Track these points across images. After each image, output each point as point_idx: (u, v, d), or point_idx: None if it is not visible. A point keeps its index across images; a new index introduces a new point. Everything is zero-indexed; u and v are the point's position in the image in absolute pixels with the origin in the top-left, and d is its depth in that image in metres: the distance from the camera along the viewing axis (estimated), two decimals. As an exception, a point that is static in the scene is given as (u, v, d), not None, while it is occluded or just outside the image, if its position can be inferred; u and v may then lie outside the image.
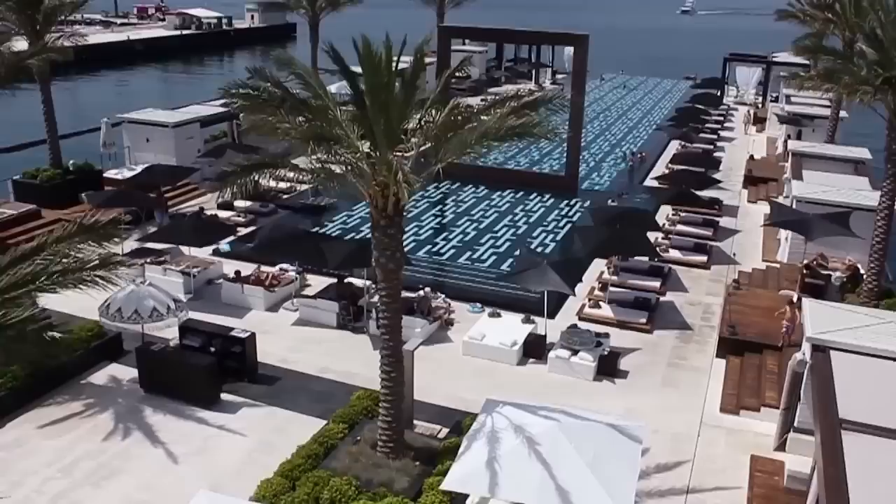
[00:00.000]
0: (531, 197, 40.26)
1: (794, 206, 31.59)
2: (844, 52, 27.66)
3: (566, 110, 19.10)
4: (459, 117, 16.10)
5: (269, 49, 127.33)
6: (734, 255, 33.95)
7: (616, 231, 27.53)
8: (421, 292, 27.64)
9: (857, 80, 22.94)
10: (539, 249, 33.41)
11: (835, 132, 47.89)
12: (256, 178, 14.84)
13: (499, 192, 40.70)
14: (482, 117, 16.54)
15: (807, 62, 60.15)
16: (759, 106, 67.92)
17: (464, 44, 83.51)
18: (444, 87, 17.07)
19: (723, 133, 58.98)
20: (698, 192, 36.10)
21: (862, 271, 28.11)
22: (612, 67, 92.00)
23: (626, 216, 30.53)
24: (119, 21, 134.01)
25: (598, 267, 30.73)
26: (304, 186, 34.54)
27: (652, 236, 31.81)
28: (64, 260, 14.87)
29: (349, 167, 15.73)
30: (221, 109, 44.67)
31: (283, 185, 34.97)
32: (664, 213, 37.31)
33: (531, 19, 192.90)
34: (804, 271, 28.77)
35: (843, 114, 48.24)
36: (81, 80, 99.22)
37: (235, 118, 44.96)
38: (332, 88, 55.16)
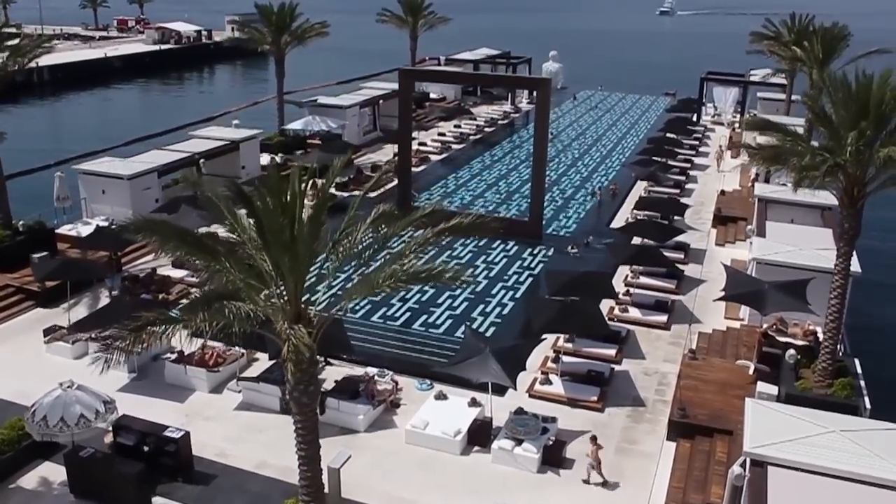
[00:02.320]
0: (494, 245, 39.58)
1: (753, 268, 31.06)
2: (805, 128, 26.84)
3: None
4: (372, 249, 15.46)
5: (249, 62, 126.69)
6: (696, 310, 33.33)
7: (568, 306, 26.89)
8: (369, 369, 27.15)
9: (805, 166, 22.23)
10: (497, 311, 32.89)
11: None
12: (148, 339, 14.18)
13: (462, 241, 39.97)
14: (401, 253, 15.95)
15: (783, 82, 60.03)
16: (736, 128, 67.32)
17: (439, 65, 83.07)
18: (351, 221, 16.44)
19: (696, 160, 58.32)
20: (661, 246, 35.55)
21: (821, 335, 27.55)
22: (590, 82, 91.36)
23: (582, 281, 29.86)
24: (98, 35, 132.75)
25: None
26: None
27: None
28: None
29: (259, 305, 15.08)
30: (182, 155, 43.97)
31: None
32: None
33: (510, 23, 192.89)
34: (762, 339, 28.26)
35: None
36: (59, 99, 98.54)
37: (197, 164, 44.34)
38: (298, 125, 55.06)
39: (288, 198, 14.54)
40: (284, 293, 15.34)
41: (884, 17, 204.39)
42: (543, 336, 27.60)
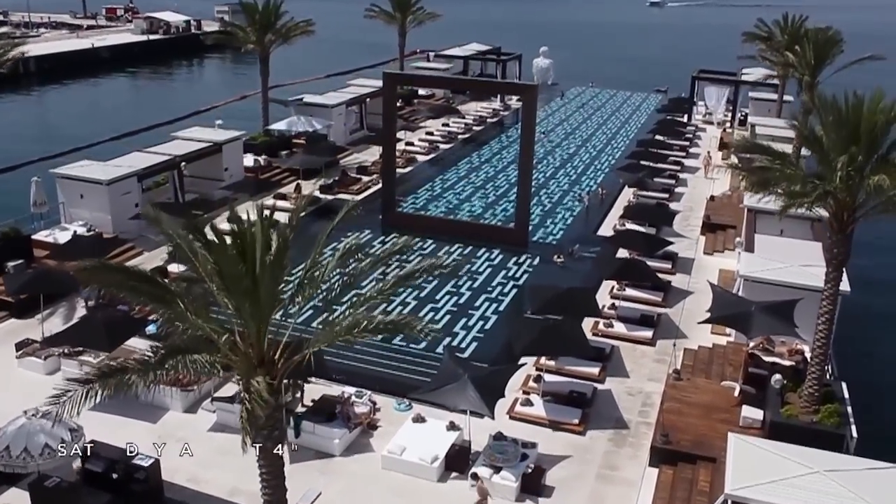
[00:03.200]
0: (479, 254, 39.01)
1: (740, 285, 30.56)
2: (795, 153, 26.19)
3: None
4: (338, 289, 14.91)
5: (238, 54, 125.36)
6: (682, 324, 32.78)
7: (549, 327, 26.36)
8: (347, 389, 26.59)
9: (794, 194, 21.60)
10: (479, 324, 32.36)
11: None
12: (102, 391, 13.60)
13: (447, 248, 39.37)
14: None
15: (776, 82, 59.41)
16: (727, 129, 66.77)
17: (428, 60, 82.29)
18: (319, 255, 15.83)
19: (687, 162, 57.70)
20: (648, 256, 35.05)
21: (808, 355, 27.07)
22: (581, 78, 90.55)
23: (566, 298, 29.33)
24: (86, 24, 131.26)
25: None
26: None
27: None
28: None
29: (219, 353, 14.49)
30: (163, 157, 43.15)
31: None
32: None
33: (499, 14, 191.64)
34: (748, 359, 27.78)
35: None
36: (46, 91, 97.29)
37: (178, 167, 43.52)
38: (282, 125, 54.18)
39: (248, 239, 13.91)
40: (247, 335, 14.75)
41: (877, 10, 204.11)
42: (523, 361, 27.03)
